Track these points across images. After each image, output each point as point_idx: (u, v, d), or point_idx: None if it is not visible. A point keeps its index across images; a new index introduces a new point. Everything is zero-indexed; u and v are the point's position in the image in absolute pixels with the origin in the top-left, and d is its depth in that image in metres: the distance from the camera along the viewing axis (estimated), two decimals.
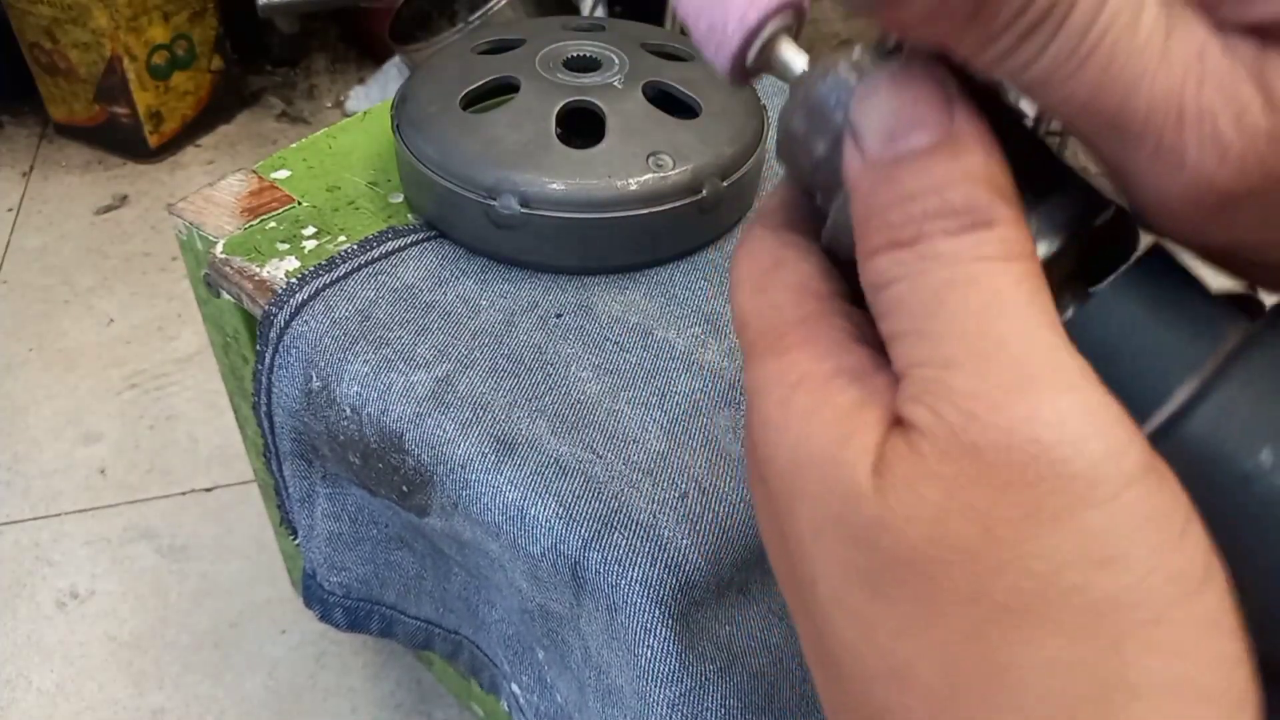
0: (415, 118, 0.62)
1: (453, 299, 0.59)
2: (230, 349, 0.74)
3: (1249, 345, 0.18)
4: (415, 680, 1.03)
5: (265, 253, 0.62)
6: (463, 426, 0.53)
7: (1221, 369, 0.18)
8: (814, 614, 0.19)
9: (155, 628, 1.07)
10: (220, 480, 1.21)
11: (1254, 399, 0.17)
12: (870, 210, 0.18)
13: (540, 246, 0.60)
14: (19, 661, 1.04)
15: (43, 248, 1.56)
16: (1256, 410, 0.17)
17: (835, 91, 0.19)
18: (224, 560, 1.13)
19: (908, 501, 0.16)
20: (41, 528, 1.16)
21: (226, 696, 1.02)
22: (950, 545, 0.16)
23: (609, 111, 0.60)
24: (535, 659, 0.61)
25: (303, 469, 0.64)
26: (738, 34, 0.20)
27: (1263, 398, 0.17)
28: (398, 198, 0.67)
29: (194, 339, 1.39)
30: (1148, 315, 0.18)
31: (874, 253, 0.17)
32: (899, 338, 0.17)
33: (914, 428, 0.17)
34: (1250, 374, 0.17)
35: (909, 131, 0.17)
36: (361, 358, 0.56)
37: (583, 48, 0.65)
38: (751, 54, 0.20)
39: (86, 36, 1.58)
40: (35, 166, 1.72)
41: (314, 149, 0.72)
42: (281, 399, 0.60)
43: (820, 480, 0.18)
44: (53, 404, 1.30)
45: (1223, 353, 0.18)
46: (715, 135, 0.60)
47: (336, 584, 0.69)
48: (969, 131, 0.17)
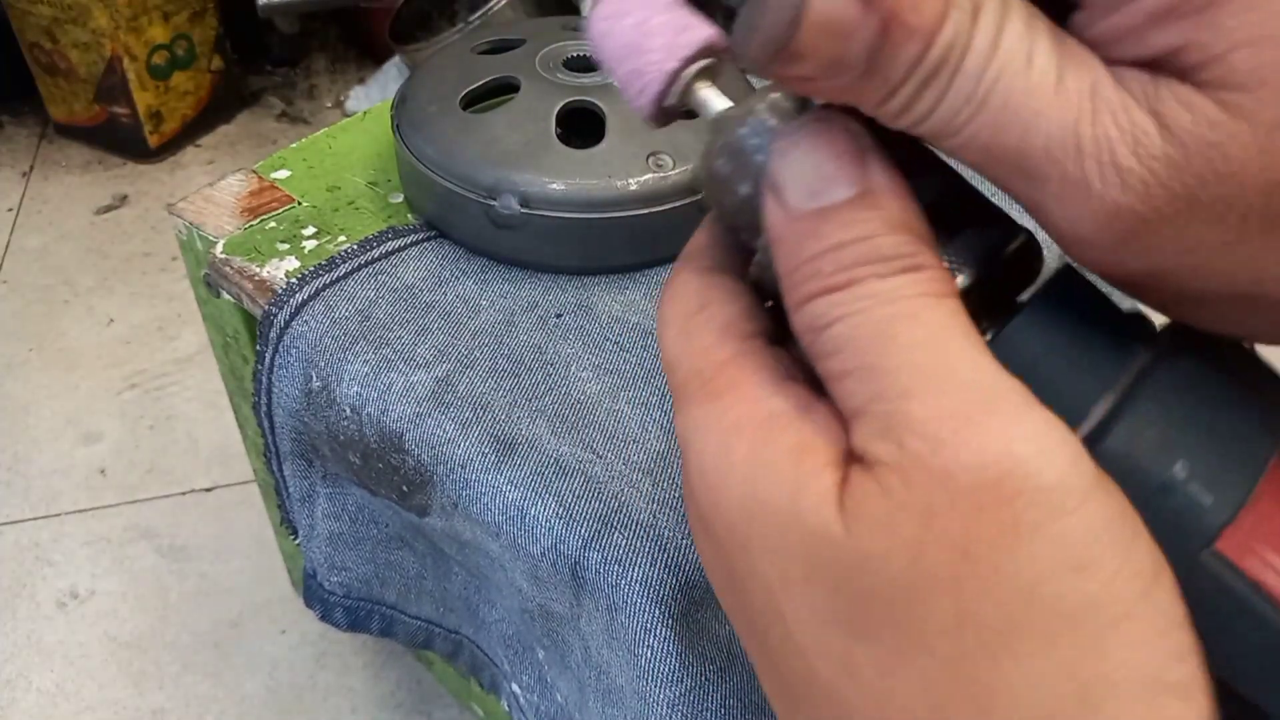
0: (415, 118, 0.62)
1: (453, 299, 0.59)
2: (230, 349, 0.74)
3: (1159, 361, 0.18)
4: (415, 680, 1.03)
5: (265, 253, 0.62)
6: (463, 426, 0.53)
7: (1134, 386, 0.18)
8: (784, 659, 0.19)
9: (155, 628, 1.07)
10: (220, 480, 1.21)
11: (1166, 414, 0.18)
12: (798, 260, 0.18)
13: (540, 246, 0.60)
14: (19, 661, 1.04)
15: (43, 248, 1.56)
16: (1169, 425, 0.18)
17: (755, 135, 0.20)
18: (224, 560, 1.13)
19: (882, 539, 0.16)
20: (41, 528, 1.16)
21: (226, 696, 1.02)
22: (931, 575, 0.16)
23: (609, 111, 0.60)
24: (535, 659, 0.61)
25: (303, 469, 0.64)
26: (657, 81, 0.21)
27: (1174, 412, 0.18)
28: (398, 198, 0.67)
29: (194, 339, 1.39)
30: (1061, 337, 0.19)
31: (808, 299, 0.18)
32: (846, 375, 0.17)
33: (878, 463, 0.17)
34: (1161, 389, 0.18)
35: (829, 187, 0.18)
36: (361, 358, 0.56)
37: (583, 47, 0.65)
38: (671, 99, 0.21)
39: (86, 36, 1.58)
40: (35, 166, 1.72)
41: (314, 149, 0.72)
42: (281, 399, 0.60)
43: (780, 531, 0.18)
44: (53, 404, 1.30)
45: (1135, 369, 0.18)
46: None
47: (337, 584, 0.69)
48: (883, 182, 0.18)
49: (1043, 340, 0.19)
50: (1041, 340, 0.19)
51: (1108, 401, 0.18)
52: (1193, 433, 0.18)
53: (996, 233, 0.20)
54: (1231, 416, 0.18)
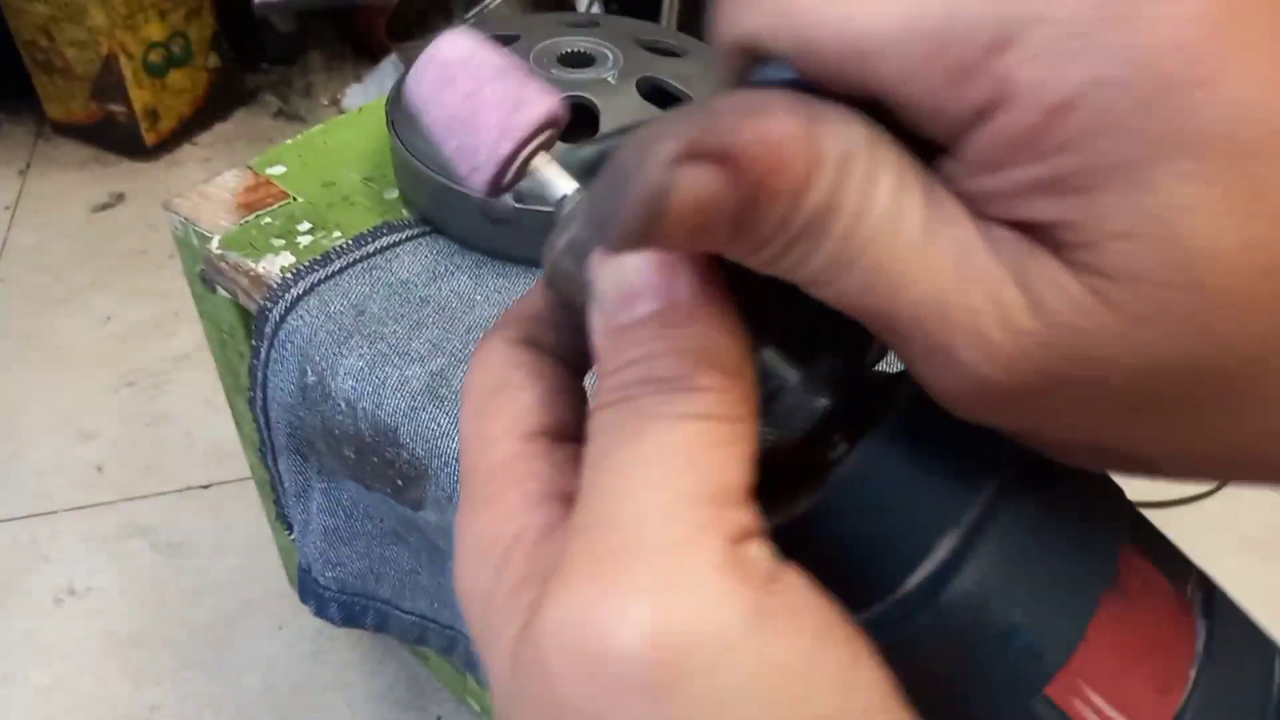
0: (410, 113, 0.62)
1: (447, 294, 0.60)
2: (226, 344, 0.74)
3: (1001, 498, 0.18)
4: (411, 675, 1.03)
5: (261, 248, 0.63)
6: (457, 420, 0.53)
7: (977, 527, 0.18)
8: None
9: (151, 624, 1.07)
10: (216, 477, 1.22)
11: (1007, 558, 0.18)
12: (601, 369, 0.18)
13: (534, 241, 0.60)
14: (15, 658, 1.04)
15: (39, 246, 1.56)
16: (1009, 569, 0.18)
17: None
18: (220, 557, 1.13)
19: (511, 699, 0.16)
20: (38, 524, 1.16)
21: (223, 692, 1.02)
22: None
23: (603, 107, 0.60)
24: None
25: (298, 464, 0.65)
26: (491, 164, 0.19)
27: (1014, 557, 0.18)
28: (393, 193, 0.67)
29: (190, 337, 1.39)
30: (906, 467, 0.18)
31: (594, 409, 0.17)
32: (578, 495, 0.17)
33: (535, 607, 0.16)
34: (1003, 530, 0.18)
35: (633, 300, 0.17)
36: (356, 352, 0.56)
37: (577, 43, 0.65)
38: (507, 179, 0.20)
39: (83, 34, 1.58)
40: (32, 164, 1.72)
41: (309, 145, 0.72)
42: (277, 394, 0.60)
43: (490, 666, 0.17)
44: (49, 401, 1.31)
45: (978, 506, 0.18)
46: None
47: (332, 579, 0.70)
48: (687, 302, 0.17)
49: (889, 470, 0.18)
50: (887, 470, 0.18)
51: (950, 541, 0.18)
52: (1031, 577, 0.18)
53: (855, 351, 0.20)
54: (1068, 556, 0.18)
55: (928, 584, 0.18)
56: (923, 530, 0.18)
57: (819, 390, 0.19)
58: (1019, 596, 0.17)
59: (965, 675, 0.18)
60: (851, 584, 0.19)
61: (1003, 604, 0.17)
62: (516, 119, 0.19)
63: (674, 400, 0.16)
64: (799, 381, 0.19)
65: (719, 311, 0.17)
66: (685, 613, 0.14)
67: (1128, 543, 0.19)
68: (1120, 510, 0.20)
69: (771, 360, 0.19)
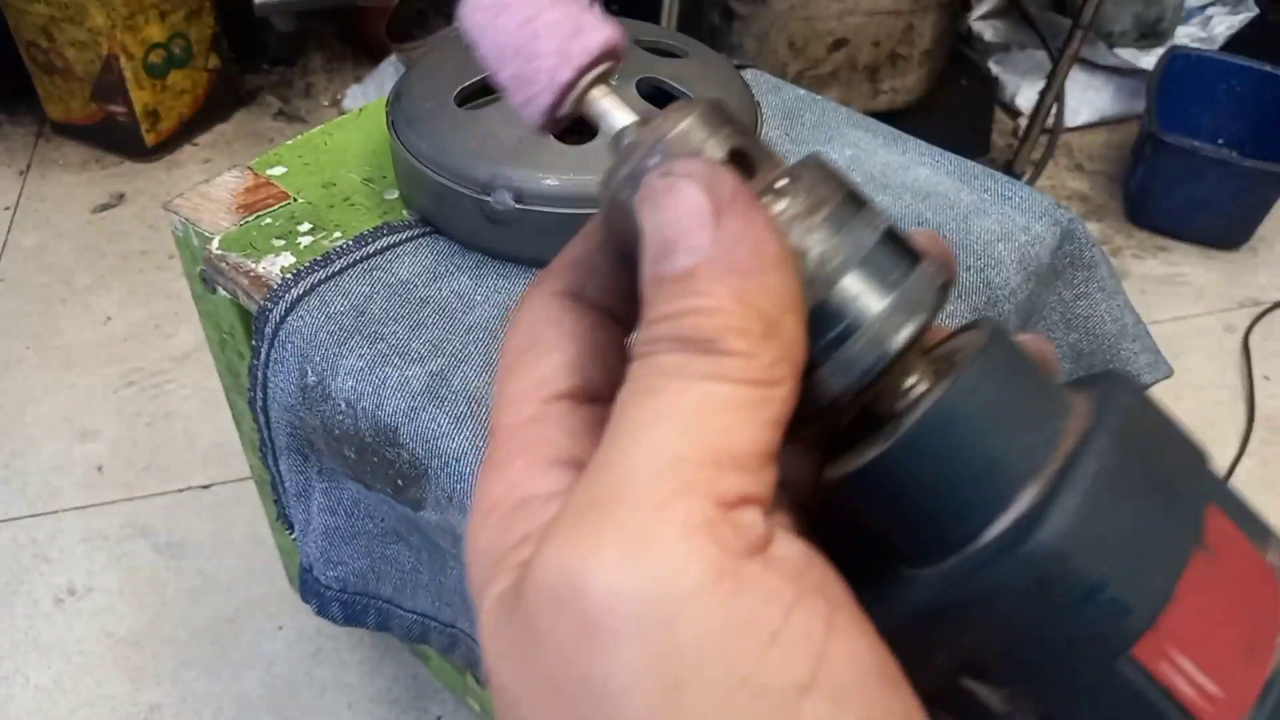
0: (410, 114, 0.62)
1: (447, 294, 0.60)
2: (226, 345, 0.74)
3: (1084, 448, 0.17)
4: (412, 675, 1.03)
5: (261, 249, 0.63)
6: (457, 421, 0.53)
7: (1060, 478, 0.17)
8: None
9: (152, 624, 1.07)
10: (217, 477, 1.22)
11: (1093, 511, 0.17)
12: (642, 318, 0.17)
13: (534, 242, 0.60)
14: (16, 658, 1.04)
15: (40, 246, 1.56)
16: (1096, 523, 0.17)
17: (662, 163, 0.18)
18: (221, 557, 1.13)
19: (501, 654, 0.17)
20: (39, 525, 1.17)
21: (223, 692, 1.02)
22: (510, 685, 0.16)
23: None
24: None
25: (299, 463, 0.65)
26: (549, 93, 0.19)
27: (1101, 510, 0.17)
28: (393, 194, 0.67)
29: (191, 337, 1.39)
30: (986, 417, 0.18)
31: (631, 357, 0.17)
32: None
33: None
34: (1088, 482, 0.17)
35: (673, 251, 0.17)
36: (356, 352, 0.56)
37: None
38: (565, 109, 0.19)
39: (83, 35, 1.58)
40: (32, 165, 1.72)
41: (309, 146, 0.72)
42: (277, 394, 0.60)
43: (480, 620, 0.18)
44: (50, 402, 1.31)
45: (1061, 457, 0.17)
46: None
47: (333, 578, 0.70)
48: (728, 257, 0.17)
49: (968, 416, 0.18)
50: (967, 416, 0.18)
51: (1032, 492, 0.17)
52: (1118, 531, 0.17)
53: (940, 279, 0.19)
54: (1156, 511, 0.17)
55: (1008, 536, 0.17)
56: (1003, 480, 0.17)
57: (893, 331, 0.18)
58: (1106, 551, 0.17)
59: (1045, 632, 0.17)
60: (920, 536, 0.18)
61: (1088, 558, 0.17)
62: (575, 46, 0.18)
63: (696, 362, 0.16)
64: (874, 320, 0.18)
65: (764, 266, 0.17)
66: (647, 568, 0.15)
67: (1213, 502, 0.18)
68: (1204, 468, 0.19)
69: (845, 297, 0.18)
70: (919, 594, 0.18)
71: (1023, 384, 0.18)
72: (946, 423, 0.18)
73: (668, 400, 0.16)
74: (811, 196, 0.18)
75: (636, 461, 0.16)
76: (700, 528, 0.15)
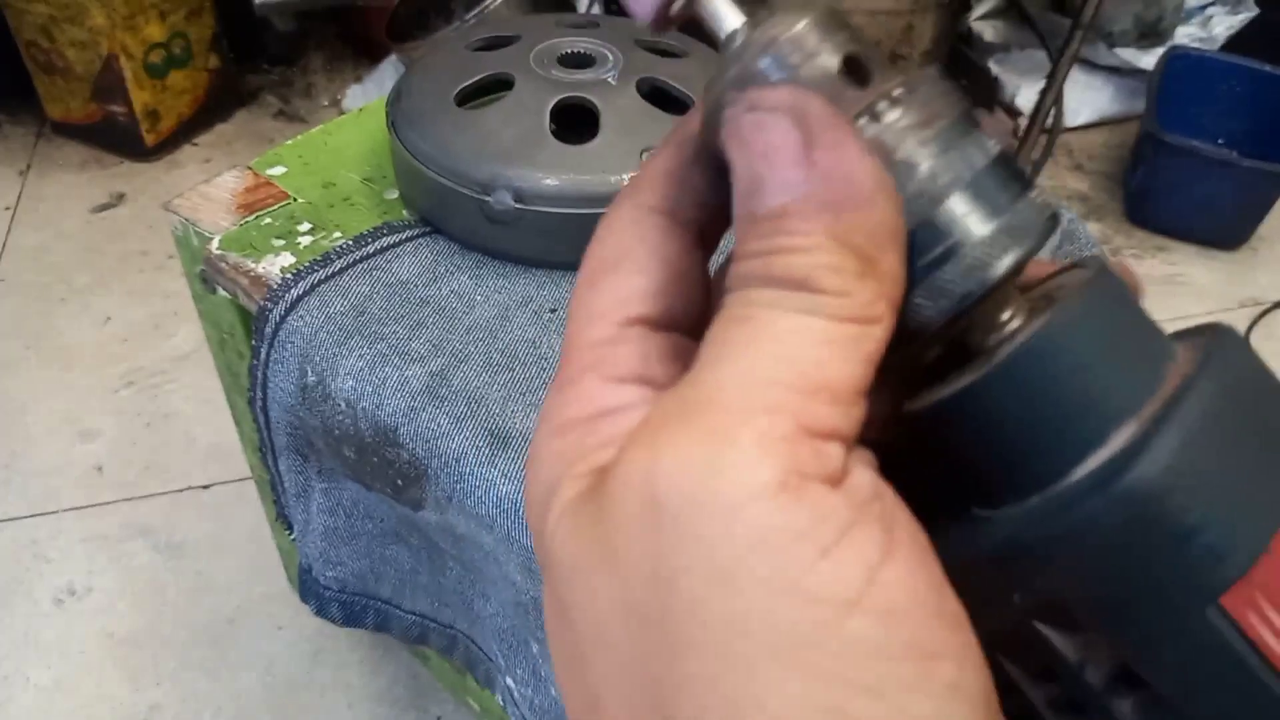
0: (410, 114, 0.62)
1: (447, 294, 0.60)
2: (226, 345, 0.74)
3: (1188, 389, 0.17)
4: (411, 676, 1.03)
5: (261, 248, 0.63)
6: (457, 420, 0.53)
7: (1161, 416, 0.17)
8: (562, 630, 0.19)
9: (152, 624, 1.07)
10: (217, 477, 1.22)
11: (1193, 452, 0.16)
12: (736, 245, 0.17)
13: (534, 242, 0.60)
14: (16, 658, 1.04)
15: (40, 246, 1.56)
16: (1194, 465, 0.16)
17: (779, 70, 0.17)
18: (221, 557, 1.13)
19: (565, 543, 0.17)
20: (39, 525, 1.16)
21: (223, 693, 1.02)
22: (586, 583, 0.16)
23: (603, 107, 0.60)
24: (530, 652, 0.61)
25: (298, 464, 0.65)
26: None
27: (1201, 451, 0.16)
28: (393, 194, 0.67)
29: (191, 337, 1.39)
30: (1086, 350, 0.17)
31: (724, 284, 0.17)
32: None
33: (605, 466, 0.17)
34: (1189, 422, 0.16)
35: (762, 189, 0.17)
36: (356, 352, 0.56)
37: (577, 44, 0.65)
38: (676, 8, 0.18)
39: (83, 35, 1.58)
40: (32, 165, 1.72)
41: (309, 146, 0.72)
42: (277, 394, 0.60)
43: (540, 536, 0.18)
44: (50, 402, 1.31)
45: (1162, 396, 0.17)
46: None
47: (332, 579, 0.70)
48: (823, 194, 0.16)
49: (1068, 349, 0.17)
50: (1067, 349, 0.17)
51: (1129, 430, 0.17)
52: (1216, 475, 0.16)
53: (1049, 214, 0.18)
54: (1256, 458, 0.17)
55: (1103, 472, 0.16)
56: (1100, 416, 0.17)
57: (997, 257, 0.17)
58: (1204, 494, 0.16)
59: (1134, 575, 0.17)
60: (1006, 471, 0.18)
61: (1186, 499, 0.16)
62: None
63: (790, 298, 0.16)
64: (978, 244, 0.17)
65: (859, 201, 0.16)
66: (719, 464, 0.15)
67: None
68: None
69: (950, 217, 0.17)
70: (998, 533, 0.18)
71: (1128, 322, 0.18)
72: (1048, 353, 0.17)
73: (762, 328, 0.16)
74: (926, 109, 0.17)
75: (728, 379, 0.16)
76: (778, 442, 0.15)
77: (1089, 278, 0.18)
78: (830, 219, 0.16)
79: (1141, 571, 0.16)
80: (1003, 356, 0.17)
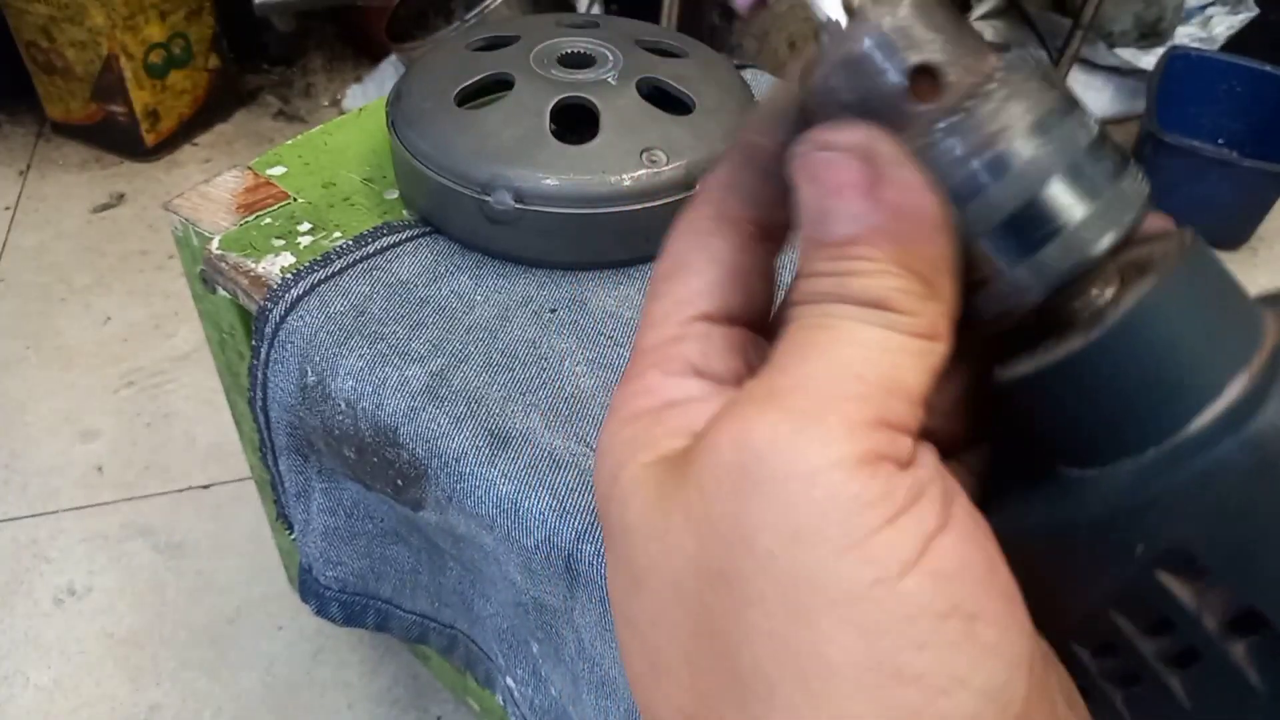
0: (410, 114, 0.62)
1: (447, 294, 0.60)
2: (226, 345, 0.74)
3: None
4: (412, 675, 1.03)
5: (261, 248, 0.63)
6: (457, 420, 0.53)
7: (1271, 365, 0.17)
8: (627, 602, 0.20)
9: (152, 624, 1.07)
10: (217, 477, 1.22)
11: None
12: (800, 263, 0.19)
13: (534, 242, 0.60)
14: (16, 658, 1.04)
15: (40, 246, 1.56)
16: None
17: (884, 54, 0.18)
18: (221, 557, 1.13)
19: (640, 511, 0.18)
20: (39, 525, 1.16)
21: (223, 692, 1.02)
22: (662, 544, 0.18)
23: (603, 108, 0.60)
24: (530, 652, 0.61)
25: (298, 464, 0.65)
26: None
27: None
28: (393, 194, 0.67)
29: (191, 337, 1.39)
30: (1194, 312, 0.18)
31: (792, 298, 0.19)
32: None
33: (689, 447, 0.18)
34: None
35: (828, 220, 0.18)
36: (356, 352, 0.56)
37: (577, 44, 0.65)
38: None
39: (83, 35, 1.58)
40: (32, 165, 1.72)
41: (309, 146, 0.72)
42: (277, 394, 0.60)
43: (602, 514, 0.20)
44: (50, 402, 1.31)
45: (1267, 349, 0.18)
46: (709, 131, 0.61)
47: (332, 578, 0.70)
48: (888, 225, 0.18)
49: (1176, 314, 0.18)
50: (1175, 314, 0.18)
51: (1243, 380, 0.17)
52: None
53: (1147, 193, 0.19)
54: None
55: (1225, 419, 0.17)
56: (1212, 371, 0.18)
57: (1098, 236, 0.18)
58: None
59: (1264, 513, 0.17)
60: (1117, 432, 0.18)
61: None
62: None
63: (869, 313, 0.18)
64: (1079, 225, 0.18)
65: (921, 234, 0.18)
66: (803, 435, 0.17)
67: None
68: None
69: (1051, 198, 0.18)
70: (1109, 488, 0.18)
71: (1226, 284, 0.19)
72: (1160, 315, 0.18)
73: (845, 334, 0.18)
74: (1024, 94, 0.18)
75: (817, 371, 0.17)
76: (859, 425, 0.17)
77: (1187, 243, 0.19)
78: (897, 249, 0.18)
79: (1271, 510, 0.17)
80: (1114, 321, 0.18)
